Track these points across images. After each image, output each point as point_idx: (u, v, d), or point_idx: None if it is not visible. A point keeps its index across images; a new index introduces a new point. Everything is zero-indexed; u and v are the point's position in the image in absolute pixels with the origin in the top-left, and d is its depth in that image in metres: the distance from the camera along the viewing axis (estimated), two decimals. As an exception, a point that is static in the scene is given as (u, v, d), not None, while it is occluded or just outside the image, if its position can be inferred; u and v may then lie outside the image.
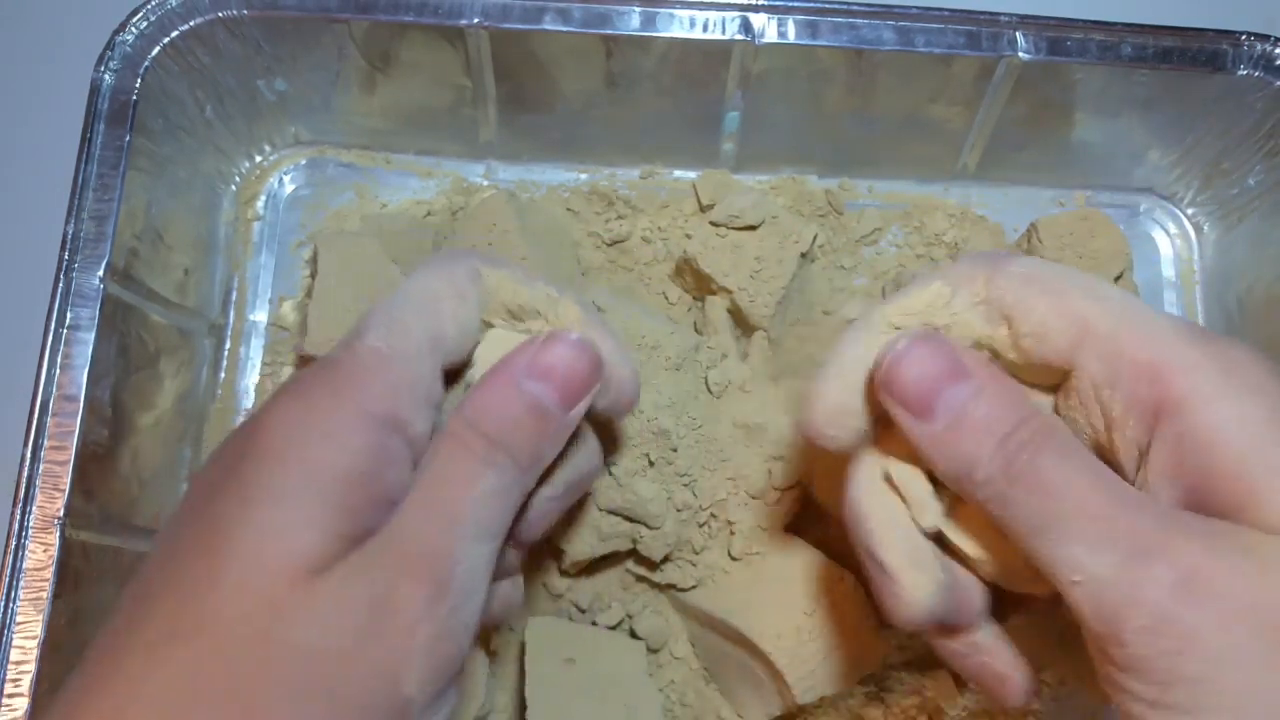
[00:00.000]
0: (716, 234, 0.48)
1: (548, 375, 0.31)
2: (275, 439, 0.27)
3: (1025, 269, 0.30)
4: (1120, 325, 0.28)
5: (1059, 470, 0.27)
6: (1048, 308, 0.29)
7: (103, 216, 0.44)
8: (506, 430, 0.30)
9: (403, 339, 0.30)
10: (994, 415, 0.28)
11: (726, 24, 0.48)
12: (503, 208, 0.47)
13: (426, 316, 0.31)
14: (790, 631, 0.41)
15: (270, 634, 0.25)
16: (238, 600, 0.25)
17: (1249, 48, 0.49)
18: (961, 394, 0.29)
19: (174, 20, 0.47)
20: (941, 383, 0.29)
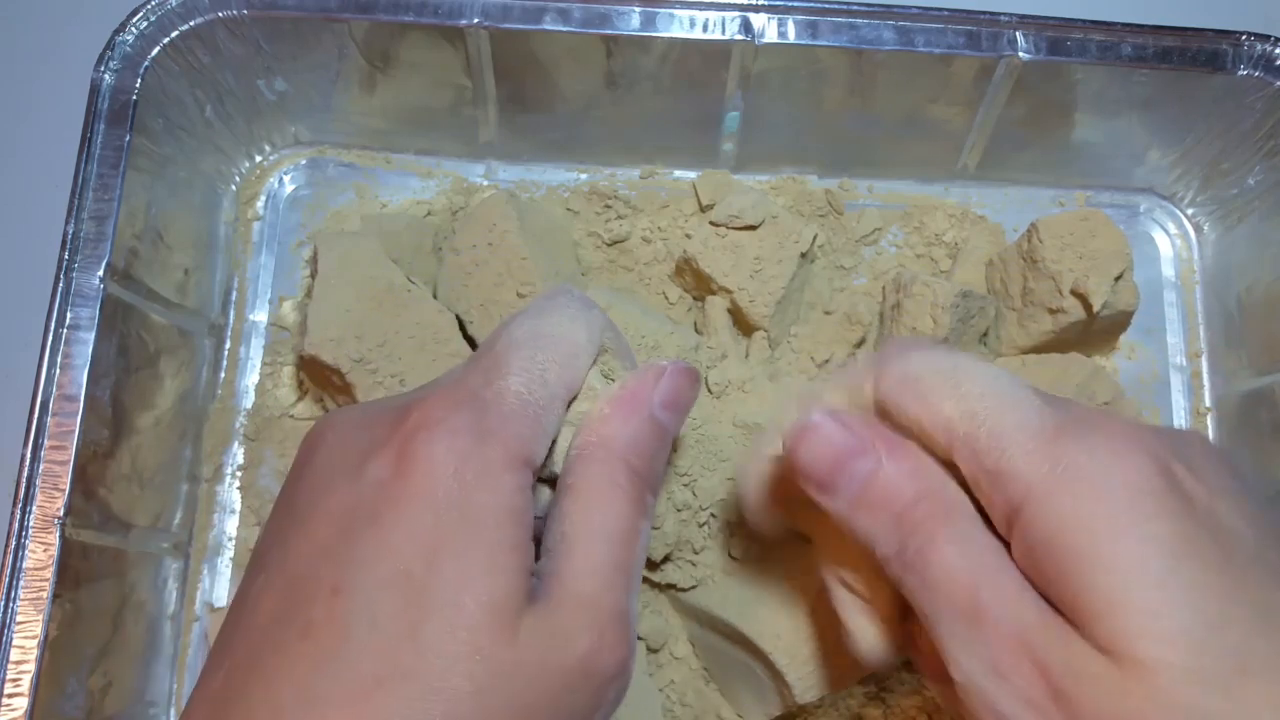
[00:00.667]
0: (716, 234, 0.48)
1: (675, 405, 0.32)
2: (438, 481, 0.27)
3: (900, 372, 0.30)
4: (974, 428, 0.28)
5: (943, 561, 0.28)
6: (918, 414, 0.29)
7: (103, 216, 0.44)
8: (651, 465, 0.31)
9: (542, 389, 0.30)
10: (891, 491, 0.29)
11: (726, 24, 0.48)
12: (503, 208, 0.47)
13: (566, 370, 0.31)
14: (790, 631, 0.41)
15: (479, 679, 0.26)
16: (447, 648, 0.26)
17: (1249, 48, 0.49)
18: (862, 468, 0.30)
19: (174, 20, 0.47)
20: (844, 457, 0.30)
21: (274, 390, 0.50)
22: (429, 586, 0.26)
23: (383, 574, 0.26)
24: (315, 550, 0.28)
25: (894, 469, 0.29)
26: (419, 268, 0.50)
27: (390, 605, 0.26)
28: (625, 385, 0.32)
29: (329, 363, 0.44)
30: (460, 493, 0.27)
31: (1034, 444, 0.27)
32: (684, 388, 0.32)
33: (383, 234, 0.48)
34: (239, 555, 0.48)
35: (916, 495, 0.29)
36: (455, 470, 0.27)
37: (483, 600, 0.26)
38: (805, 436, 0.31)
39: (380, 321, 0.45)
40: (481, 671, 0.26)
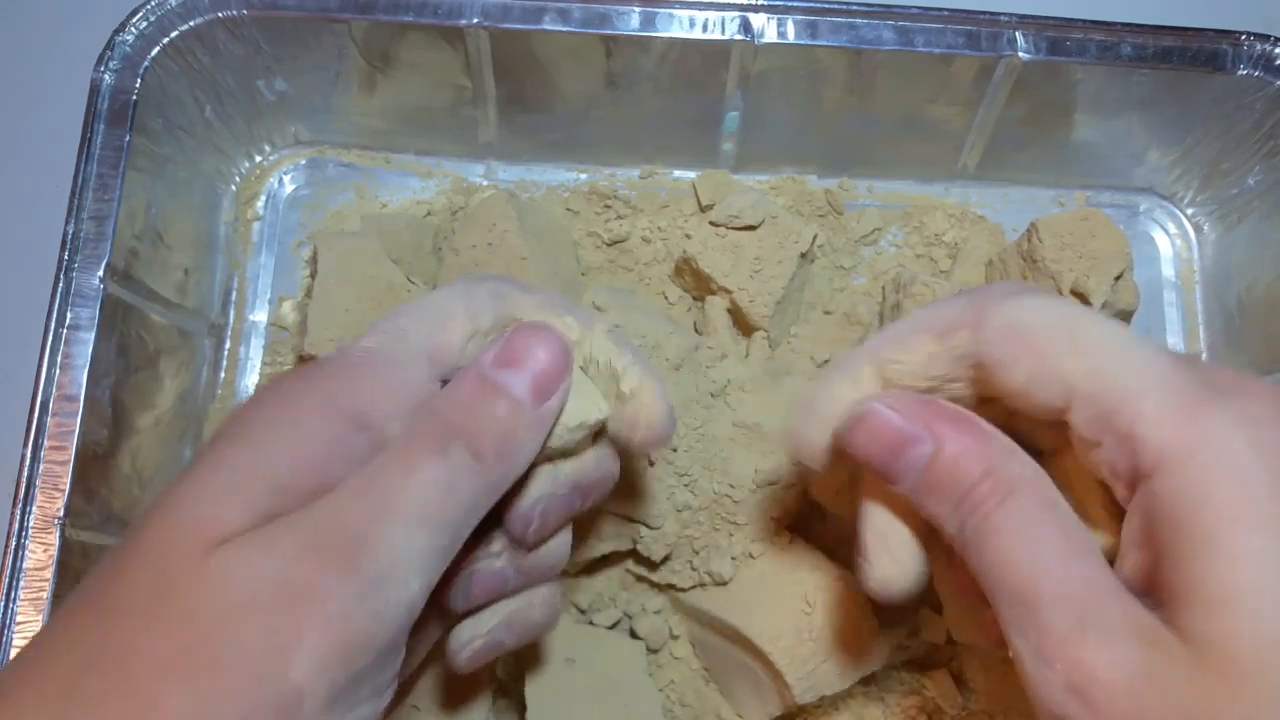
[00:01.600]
0: (716, 234, 0.48)
1: (515, 363, 0.30)
2: (245, 418, 0.28)
3: (1007, 322, 0.29)
4: (1103, 387, 0.27)
5: (999, 542, 0.27)
6: (1030, 370, 0.28)
7: (103, 216, 0.44)
8: (467, 419, 0.29)
9: (397, 344, 0.30)
10: (952, 473, 0.28)
11: (726, 24, 0.48)
12: (503, 208, 0.47)
13: (430, 326, 0.31)
14: (790, 631, 0.41)
15: (157, 598, 0.25)
16: (138, 564, 0.26)
17: (1249, 48, 0.49)
18: (919, 456, 0.29)
19: (174, 20, 0.47)
20: (899, 445, 0.29)
21: (274, 390, 0.50)
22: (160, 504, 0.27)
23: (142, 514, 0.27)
24: None
25: (953, 451, 0.28)
26: (419, 268, 0.50)
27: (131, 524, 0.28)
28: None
29: (329, 363, 0.44)
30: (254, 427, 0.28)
31: (1172, 407, 0.26)
32: (524, 345, 0.30)
33: (383, 234, 0.48)
34: (239, 555, 0.48)
35: (979, 475, 0.28)
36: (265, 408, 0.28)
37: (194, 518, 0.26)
38: (860, 427, 0.30)
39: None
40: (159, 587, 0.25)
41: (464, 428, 0.29)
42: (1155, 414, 0.26)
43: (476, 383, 0.30)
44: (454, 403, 0.30)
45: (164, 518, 0.26)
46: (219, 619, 0.25)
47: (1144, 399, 0.26)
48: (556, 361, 0.31)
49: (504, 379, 0.30)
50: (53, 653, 0.25)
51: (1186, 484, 0.25)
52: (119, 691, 0.24)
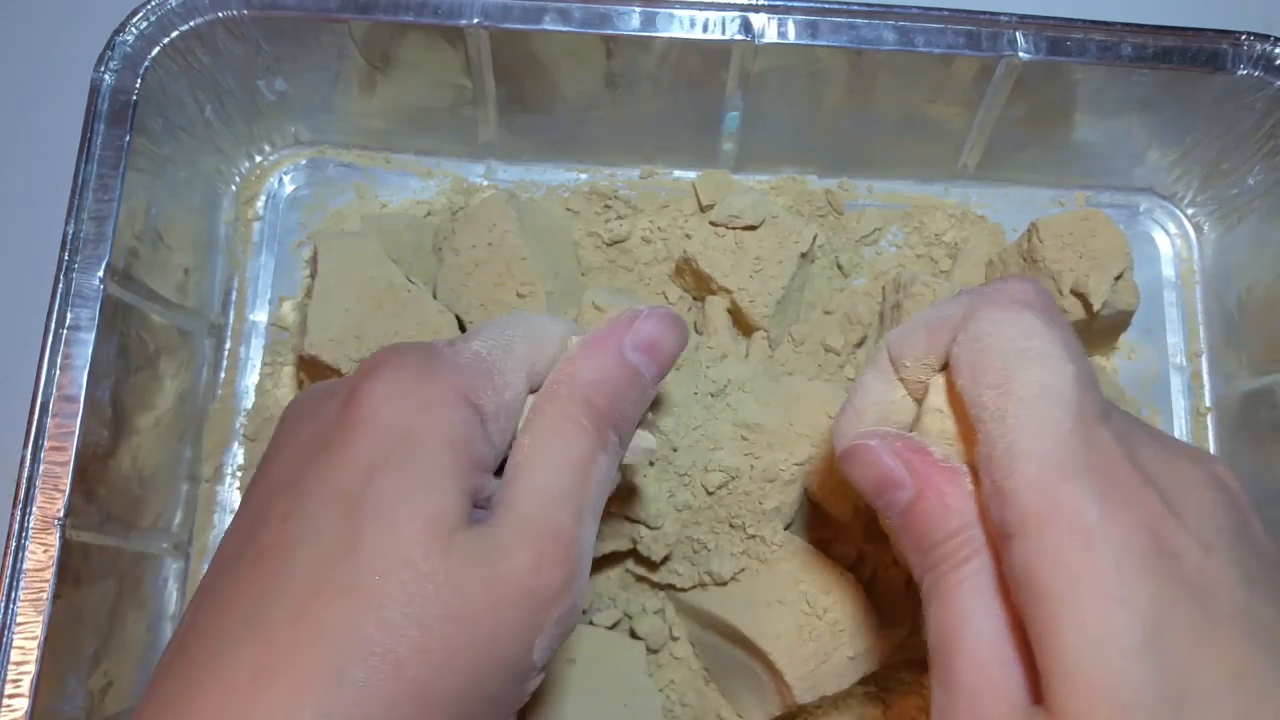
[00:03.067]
0: (716, 234, 0.48)
1: (651, 349, 0.32)
2: (382, 409, 0.28)
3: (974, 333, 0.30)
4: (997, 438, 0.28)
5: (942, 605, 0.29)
6: (964, 384, 0.29)
7: (103, 216, 0.44)
8: (618, 404, 0.31)
9: (503, 353, 0.31)
10: (923, 525, 0.30)
11: (726, 24, 0.48)
12: (503, 208, 0.47)
13: (531, 345, 0.32)
14: (790, 631, 0.41)
15: (417, 595, 0.26)
16: (381, 561, 0.26)
17: (1249, 48, 0.49)
18: (899, 500, 0.30)
19: (174, 20, 0.47)
20: (884, 486, 0.31)
21: (274, 390, 0.50)
22: (366, 502, 0.27)
23: (326, 495, 0.27)
24: (272, 485, 0.29)
25: (929, 504, 0.30)
26: (419, 268, 0.50)
27: (330, 523, 0.27)
28: (598, 328, 0.32)
29: (329, 363, 0.44)
30: (401, 419, 0.28)
31: (1040, 476, 0.26)
32: (661, 331, 0.32)
33: (383, 234, 0.48)
34: (239, 555, 0.48)
35: (945, 534, 0.29)
36: (398, 401, 0.28)
37: (416, 514, 0.27)
38: (852, 457, 0.32)
39: (380, 321, 0.45)
40: (413, 581, 0.26)
41: (615, 414, 0.31)
42: (1025, 478, 0.27)
43: (618, 363, 0.31)
44: (604, 386, 0.31)
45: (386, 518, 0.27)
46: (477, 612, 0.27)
47: (1024, 459, 0.27)
48: (680, 343, 0.33)
49: (644, 365, 0.32)
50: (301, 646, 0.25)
51: (1037, 551, 0.26)
52: (389, 680, 0.25)
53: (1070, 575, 0.25)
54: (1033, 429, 0.27)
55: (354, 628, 0.25)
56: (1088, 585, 0.25)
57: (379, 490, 0.27)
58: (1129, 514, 0.26)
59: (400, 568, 0.26)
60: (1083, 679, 0.24)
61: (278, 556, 0.27)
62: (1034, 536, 0.26)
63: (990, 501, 0.28)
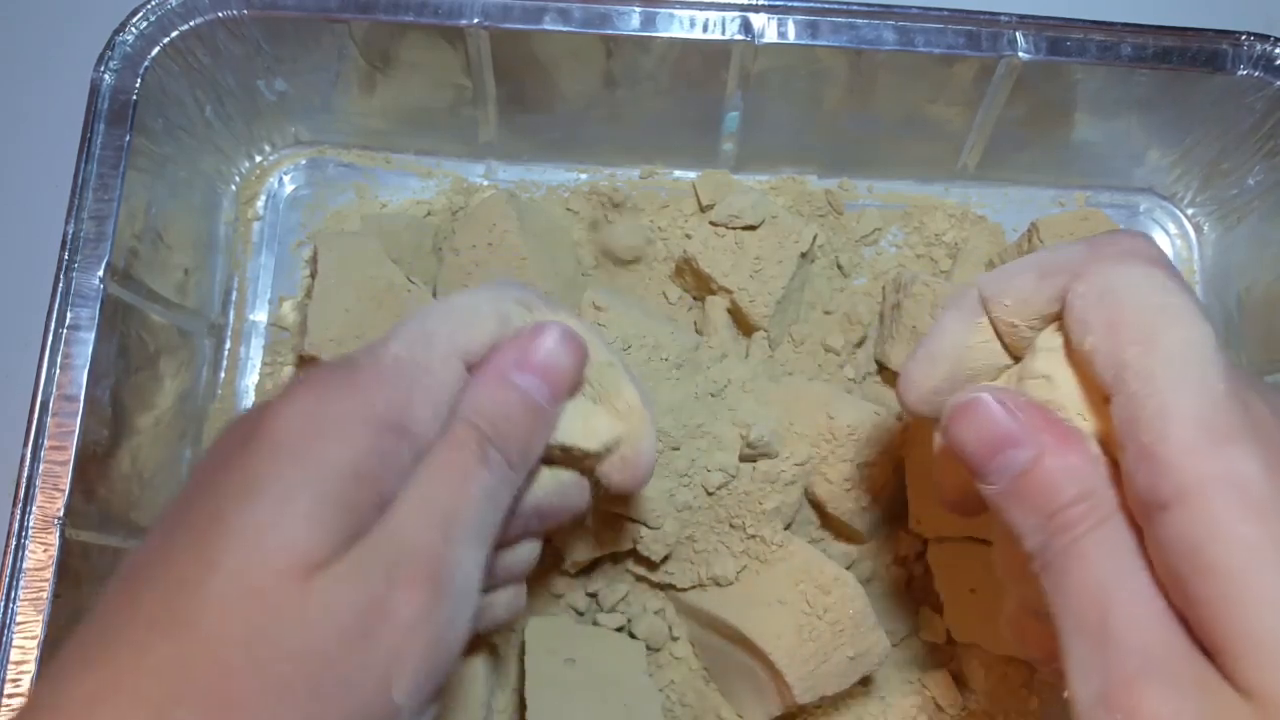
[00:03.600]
0: (716, 234, 0.48)
1: (537, 369, 0.31)
2: (281, 431, 0.27)
3: (1103, 285, 0.27)
4: (1145, 397, 0.25)
5: (1082, 571, 0.26)
6: (1097, 343, 0.27)
7: (103, 216, 0.44)
8: (499, 425, 0.30)
9: (426, 349, 0.30)
10: (1048, 487, 0.27)
11: (726, 24, 0.48)
12: (503, 208, 0.47)
13: (458, 328, 0.30)
14: (790, 631, 0.41)
15: (259, 632, 0.25)
16: (229, 595, 0.25)
17: (1249, 48, 0.49)
18: (1017, 460, 0.28)
19: (174, 20, 0.47)
20: (1003, 443, 0.28)
21: (274, 390, 0.50)
22: (231, 529, 0.26)
23: (197, 517, 0.26)
24: (169, 508, 0.28)
25: (1055, 464, 0.27)
26: (419, 268, 0.50)
27: (189, 548, 0.26)
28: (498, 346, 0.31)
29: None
30: (297, 442, 0.27)
31: (1201, 438, 0.24)
32: (548, 351, 0.31)
33: (383, 234, 0.48)
34: (239, 555, 0.48)
35: (1073, 497, 0.27)
36: (300, 422, 0.27)
37: (280, 545, 0.25)
38: (965, 414, 0.29)
39: (380, 321, 0.45)
40: (258, 617, 0.25)
41: (496, 434, 0.29)
42: (1183, 441, 0.24)
43: (500, 386, 0.30)
44: (484, 408, 0.30)
45: (248, 546, 0.25)
46: (325, 651, 0.25)
47: (1179, 421, 0.25)
48: (575, 362, 0.32)
49: (525, 382, 0.30)
50: (135, 680, 0.24)
51: (1204, 521, 0.24)
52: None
53: (1244, 546, 0.23)
54: (1186, 389, 0.25)
55: (185, 666, 0.24)
56: (1266, 556, 0.23)
57: (249, 516, 0.26)
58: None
59: (246, 602, 0.25)
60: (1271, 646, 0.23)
61: (140, 578, 0.26)
62: (1196, 505, 0.24)
63: (1136, 468, 0.25)
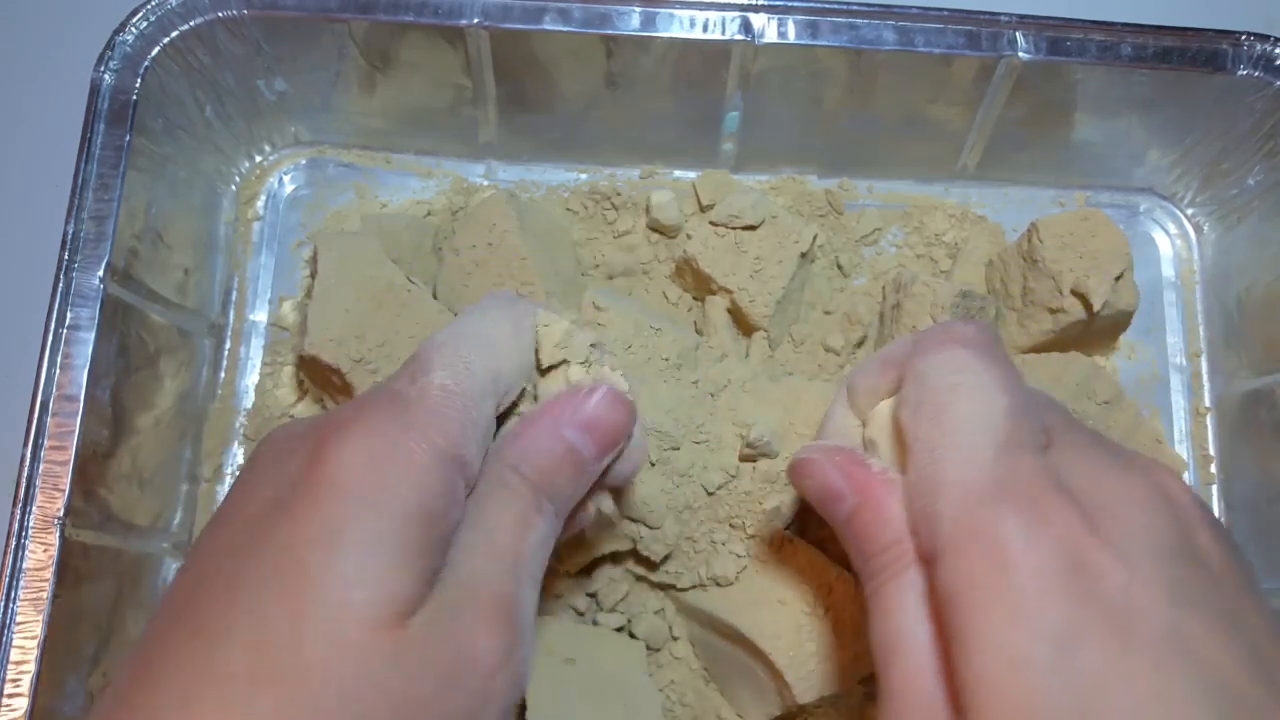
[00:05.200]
0: (716, 234, 0.48)
1: (588, 427, 0.32)
2: (347, 475, 0.27)
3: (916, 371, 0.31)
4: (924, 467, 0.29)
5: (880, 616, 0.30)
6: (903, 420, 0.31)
7: (103, 216, 0.44)
8: (549, 476, 0.31)
9: (468, 379, 0.30)
10: (863, 534, 0.31)
11: (726, 24, 0.48)
12: (503, 208, 0.47)
13: (488, 357, 0.31)
14: (790, 631, 0.41)
15: (356, 684, 0.25)
16: (324, 648, 0.25)
17: (1249, 48, 0.49)
18: (842, 510, 0.32)
19: (174, 20, 0.47)
20: (826, 498, 0.32)
21: (274, 390, 0.50)
22: (316, 581, 0.26)
23: (275, 566, 0.26)
24: (224, 544, 0.28)
25: (867, 516, 0.31)
26: (419, 268, 0.50)
27: (276, 600, 0.26)
28: (546, 402, 0.33)
29: (329, 363, 0.44)
30: (366, 486, 0.27)
31: (962, 501, 0.27)
32: (601, 411, 0.32)
33: (383, 234, 0.48)
34: (239, 555, 0.48)
35: (883, 544, 0.30)
36: (369, 464, 0.27)
37: (369, 598, 0.26)
38: (799, 469, 0.34)
39: (380, 321, 0.45)
40: (355, 669, 0.25)
41: (548, 485, 0.31)
42: (949, 503, 0.28)
43: (555, 439, 0.31)
44: (538, 460, 0.31)
45: (338, 599, 0.25)
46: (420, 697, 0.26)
47: (948, 486, 0.28)
48: (624, 422, 0.33)
49: (583, 444, 0.32)
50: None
51: (957, 573, 0.27)
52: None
53: (984, 597, 0.26)
54: (956, 458, 0.28)
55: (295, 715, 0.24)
56: (1001, 607, 0.25)
57: (335, 568, 0.26)
58: (1046, 536, 0.26)
59: (342, 655, 0.25)
60: (995, 700, 0.25)
61: (218, 632, 0.26)
62: (953, 559, 0.27)
63: (918, 527, 0.29)
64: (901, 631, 0.28)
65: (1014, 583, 0.25)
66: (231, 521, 0.29)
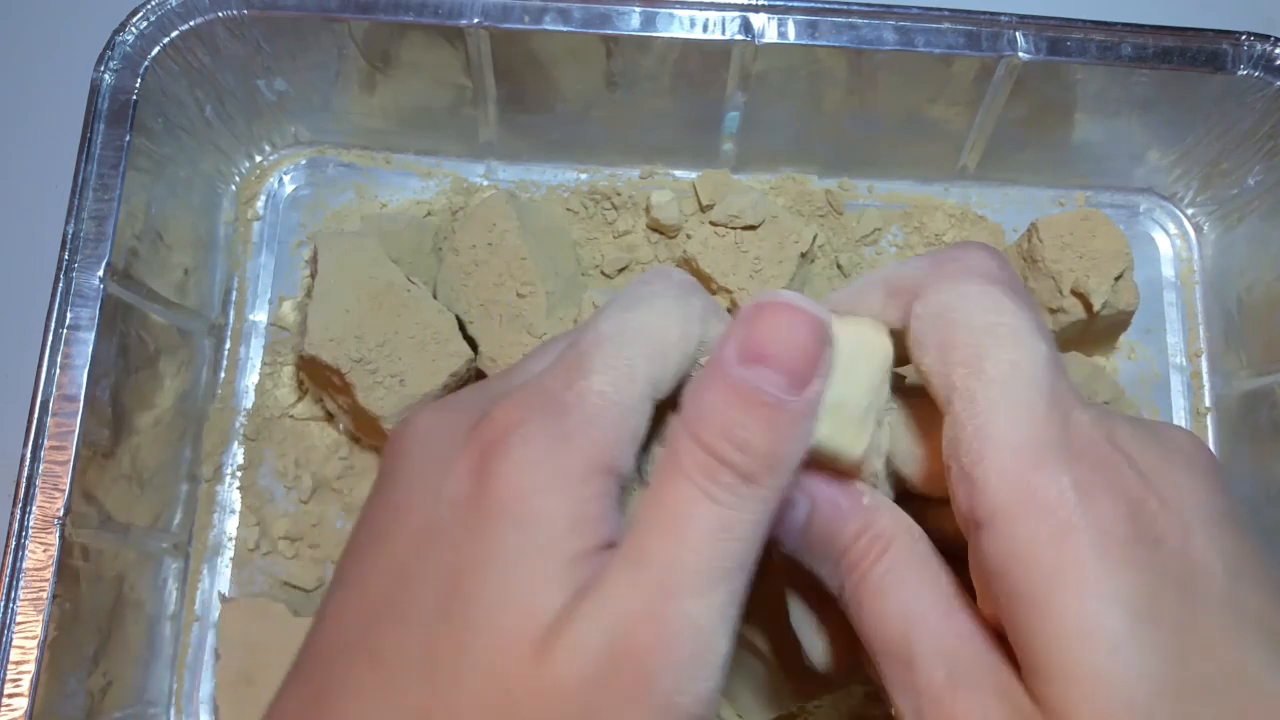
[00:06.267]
0: (716, 234, 0.48)
1: (763, 356, 0.25)
2: (508, 495, 0.26)
3: (939, 305, 0.27)
4: (965, 421, 0.25)
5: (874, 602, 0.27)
6: (930, 364, 0.27)
7: (103, 216, 0.44)
8: (728, 435, 0.25)
9: (628, 386, 0.27)
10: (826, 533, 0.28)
11: (726, 24, 0.48)
12: (503, 208, 0.47)
13: (653, 362, 0.27)
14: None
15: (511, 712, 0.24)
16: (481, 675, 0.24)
17: (1249, 48, 0.49)
18: (796, 518, 0.29)
19: (174, 20, 0.47)
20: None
21: (274, 390, 0.50)
22: (477, 609, 0.25)
23: (442, 599, 0.25)
24: (392, 573, 0.27)
25: (826, 510, 0.28)
26: (419, 268, 0.50)
27: (444, 632, 0.25)
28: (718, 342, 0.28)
29: (329, 363, 0.44)
30: (533, 504, 0.25)
31: (1011, 462, 0.25)
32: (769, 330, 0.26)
33: (383, 234, 0.48)
34: (239, 555, 0.48)
35: (852, 535, 0.28)
36: (528, 482, 0.26)
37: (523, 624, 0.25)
38: None
39: (380, 321, 0.45)
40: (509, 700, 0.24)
41: (725, 453, 0.25)
42: (996, 465, 0.25)
43: (725, 389, 0.25)
44: (706, 423, 0.25)
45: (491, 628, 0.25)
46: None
47: (994, 445, 0.25)
48: (813, 337, 0.26)
49: (755, 378, 0.25)
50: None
51: (1011, 541, 0.24)
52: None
53: (1048, 569, 0.24)
54: (1005, 411, 0.25)
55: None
56: (1068, 579, 0.24)
57: (489, 593, 0.25)
58: (1109, 500, 0.24)
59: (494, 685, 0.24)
60: (1073, 679, 0.23)
61: (393, 665, 0.25)
62: (1006, 526, 0.24)
63: (957, 488, 0.26)
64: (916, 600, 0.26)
65: (1080, 552, 0.24)
66: (394, 537, 0.28)
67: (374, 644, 0.26)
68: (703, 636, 0.25)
